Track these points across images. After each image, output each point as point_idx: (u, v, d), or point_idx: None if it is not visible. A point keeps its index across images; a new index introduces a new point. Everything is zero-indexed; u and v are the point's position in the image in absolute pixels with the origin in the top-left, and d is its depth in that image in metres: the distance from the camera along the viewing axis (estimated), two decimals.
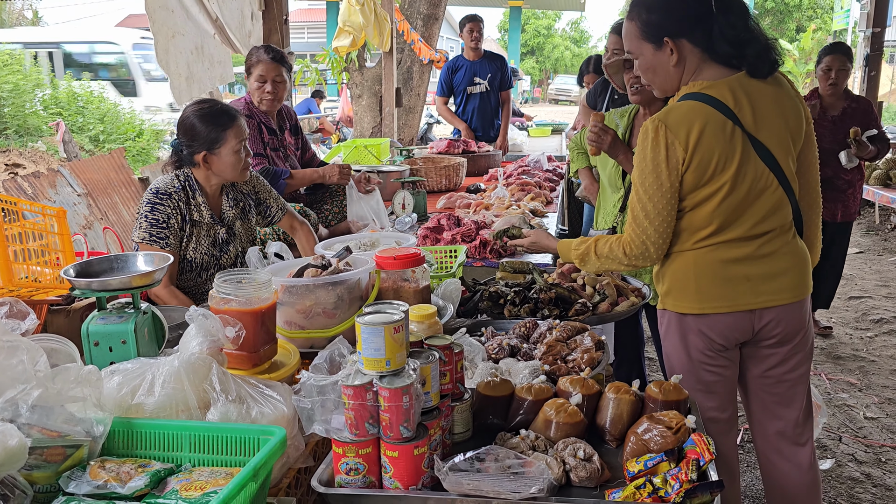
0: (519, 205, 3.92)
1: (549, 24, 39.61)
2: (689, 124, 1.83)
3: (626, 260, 1.96)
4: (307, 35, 30.06)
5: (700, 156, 1.84)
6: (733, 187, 1.86)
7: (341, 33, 6.56)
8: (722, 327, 1.95)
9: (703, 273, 1.93)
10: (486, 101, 6.10)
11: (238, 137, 2.42)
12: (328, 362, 1.60)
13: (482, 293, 2.32)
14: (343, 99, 11.95)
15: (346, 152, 5.64)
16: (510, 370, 1.81)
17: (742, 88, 1.88)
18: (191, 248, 2.43)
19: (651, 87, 2.04)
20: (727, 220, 1.90)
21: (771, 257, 1.93)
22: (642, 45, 1.96)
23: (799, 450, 2.10)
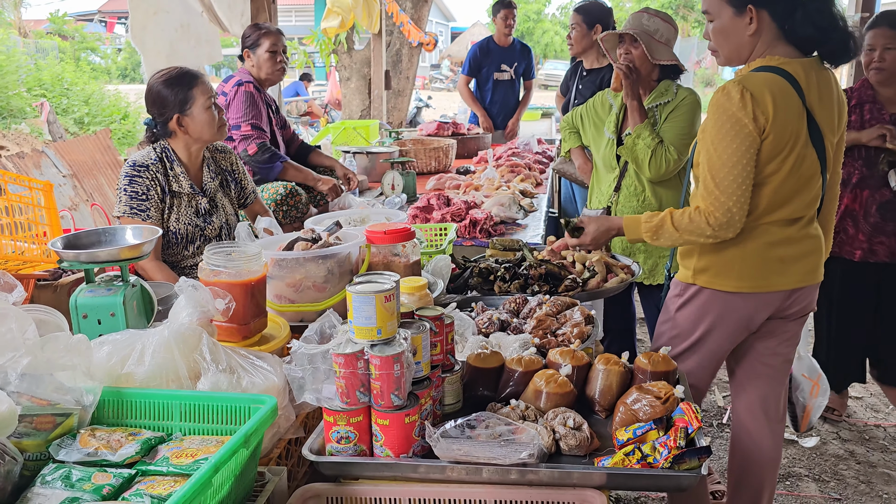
0: (509, 186, 3.92)
1: (539, 8, 39.46)
2: (769, 94, 1.81)
3: (710, 231, 1.87)
4: (295, 18, 29.79)
5: (776, 129, 1.82)
6: (794, 169, 1.87)
7: (330, 14, 6.50)
8: (754, 307, 1.98)
9: (748, 253, 1.94)
10: (510, 89, 6.03)
11: (206, 94, 2.41)
12: (318, 334, 1.59)
13: (472, 269, 2.32)
14: (331, 82, 11.88)
15: (335, 134, 5.61)
16: (500, 344, 1.82)
17: (815, 74, 1.88)
18: (173, 219, 2.42)
19: (716, 53, 1.99)
20: (777, 202, 1.90)
21: (801, 241, 1.96)
22: (722, 7, 1.91)
23: (777, 425, 2.17)
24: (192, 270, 2.42)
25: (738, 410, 2.21)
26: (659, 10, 2.86)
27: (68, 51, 19.80)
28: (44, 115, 9.45)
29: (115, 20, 30.16)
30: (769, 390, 2.14)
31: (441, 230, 2.79)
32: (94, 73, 16.66)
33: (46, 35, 22.56)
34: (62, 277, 2.19)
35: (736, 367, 2.20)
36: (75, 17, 28.25)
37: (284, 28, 3.78)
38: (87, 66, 17.00)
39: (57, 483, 1.17)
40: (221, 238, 2.51)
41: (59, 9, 27.75)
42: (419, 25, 7.76)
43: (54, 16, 24.37)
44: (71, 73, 11.90)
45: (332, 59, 7.92)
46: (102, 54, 25.78)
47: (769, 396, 2.14)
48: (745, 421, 2.18)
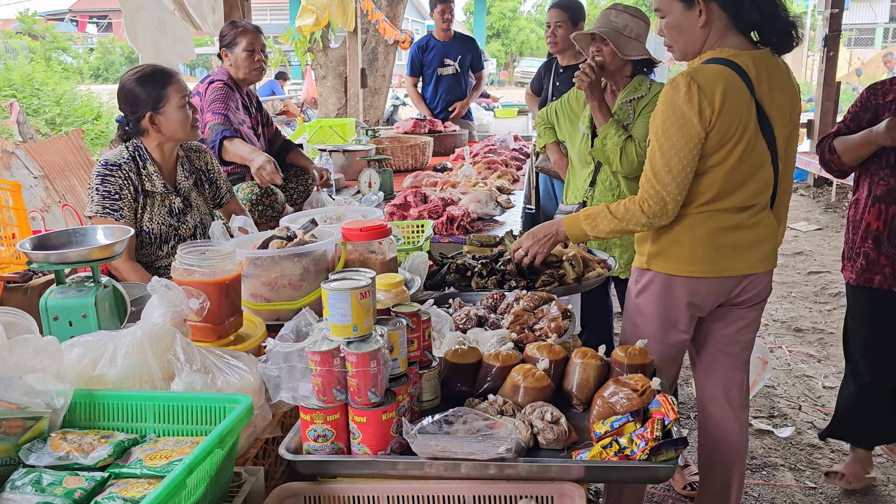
0: (486, 182, 3.92)
1: (515, 6, 39.54)
2: (717, 86, 1.85)
3: (645, 218, 1.93)
4: (270, 17, 29.60)
5: (723, 120, 1.86)
6: (742, 159, 1.90)
7: (304, 12, 6.47)
8: (706, 292, 2.02)
9: (698, 238, 1.98)
10: (457, 82, 6.05)
11: (180, 93, 2.38)
12: (294, 333, 1.58)
13: (449, 266, 2.32)
14: (307, 80, 11.81)
15: (311, 132, 5.58)
16: (478, 339, 1.82)
17: (764, 65, 1.91)
18: (146, 218, 2.39)
19: (671, 48, 2.03)
20: (726, 190, 1.94)
21: (754, 228, 2.00)
22: (672, 2, 1.95)
23: (741, 413, 2.21)
24: (166, 270, 2.39)
25: (702, 399, 2.25)
26: (630, 5, 2.87)
27: (39, 51, 19.49)
28: (13, 115, 9.29)
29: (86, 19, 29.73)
30: (731, 378, 2.18)
31: (418, 227, 2.78)
32: (66, 73, 16.43)
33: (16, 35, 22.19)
34: (32, 279, 2.15)
35: (697, 357, 2.25)
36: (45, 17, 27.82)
37: (259, 26, 3.74)
38: (59, 65, 16.75)
39: (27, 488, 1.14)
40: (196, 237, 2.49)
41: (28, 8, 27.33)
42: (395, 23, 7.73)
43: (24, 15, 23.97)
44: (41, 73, 11.70)
45: (307, 58, 7.88)
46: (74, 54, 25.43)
47: (731, 384, 2.19)
48: (710, 409, 2.22)
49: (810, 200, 8.85)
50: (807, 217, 7.97)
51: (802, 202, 8.78)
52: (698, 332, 2.19)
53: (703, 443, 2.26)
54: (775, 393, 3.80)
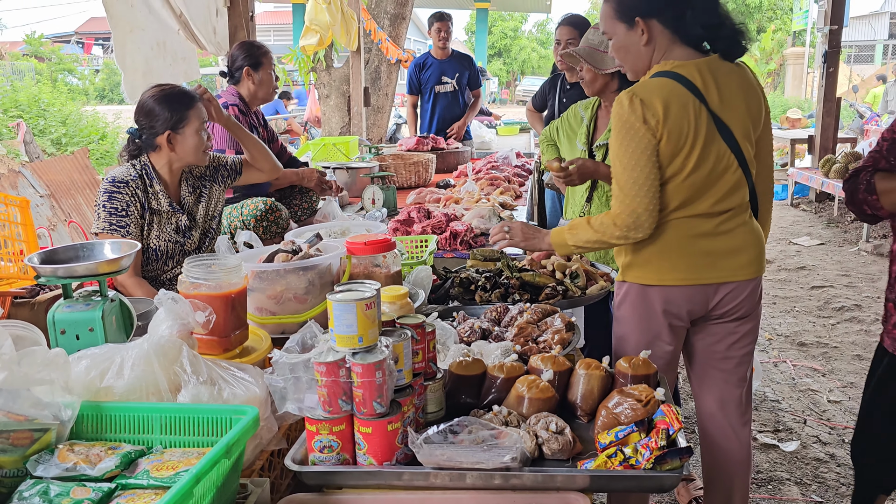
0: (488, 198, 3.94)
1: (516, 26, 39.86)
2: (658, 97, 1.88)
3: (618, 231, 1.93)
4: (273, 37, 29.87)
5: (670, 129, 1.89)
6: (699, 164, 1.91)
7: (308, 32, 6.52)
8: (681, 300, 2.01)
9: (667, 246, 1.99)
10: (454, 100, 6.10)
11: (200, 119, 2.44)
12: (300, 345, 1.59)
13: (453, 280, 2.33)
14: (311, 100, 11.89)
15: (315, 150, 5.61)
16: (482, 351, 1.82)
17: (710, 71, 1.94)
18: (153, 235, 2.41)
19: (624, 67, 2.08)
20: (691, 196, 1.95)
21: (730, 234, 1.99)
22: (616, 24, 2.00)
23: (740, 429, 2.18)
24: (172, 284, 2.41)
25: (700, 415, 2.24)
26: None
27: (45, 72, 19.68)
28: (20, 135, 9.37)
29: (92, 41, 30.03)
30: (726, 394, 2.15)
31: (422, 242, 2.80)
32: (72, 94, 16.57)
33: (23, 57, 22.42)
34: (39, 295, 2.17)
35: (691, 372, 2.24)
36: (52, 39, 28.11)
37: None
38: (65, 87, 16.90)
39: (35, 499, 1.15)
40: (201, 251, 2.51)
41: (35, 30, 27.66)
42: (397, 43, 7.81)
43: (30, 37, 24.23)
44: (48, 95, 11.81)
45: (311, 77, 7.95)
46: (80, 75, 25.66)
47: (727, 400, 2.15)
48: (707, 425, 2.21)
49: (812, 216, 8.86)
50: (809, 232, 7.98)
51: (805, 217, 8.79)
52: (690, 347, 2.18)
53: (704, 458, 2.25)
54: (780, 407, 3.79)
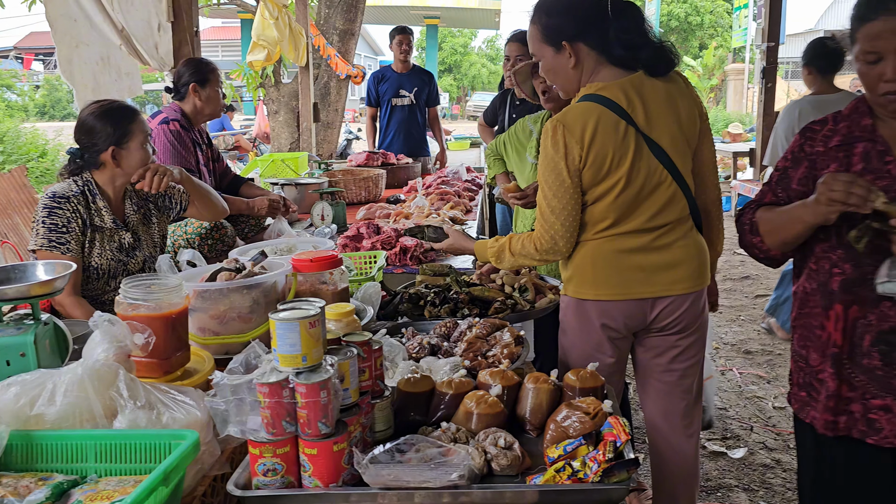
0: (439, 213, 3.94)
1: (466, 42, 40.24)
2: (583, 123, 1.91)
3: (538, 255, 2.03)
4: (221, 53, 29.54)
5: (595, 153, 1.92)
6: (628, 183, 1.94)
7: (255, 47, 6.45)
8: (617, 314, 2.03)
9: (601, 262, 2.01)
10: (412, 114, 6.10)
11: (143, 132, 2.39)
12: (244, 366, 1.55)
13: (402, 296, 2.31)
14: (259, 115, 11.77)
15: (263, 166, 5.54)
16: (431, 368, 1.81)
17: (635, 89, 1.97)
18: (95, 254, 2.34)
19: (556, 88, 2.10)
20: (623, 214, 1.98)
21: (666, 249, 2.01)
22: (543, 47, 2.04)
23: (685, 441, 2.19)
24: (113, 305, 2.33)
25: (647, 426, 2.27)
26: None
27: None
28: None
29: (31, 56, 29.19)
30: (670, 406, 2.17)
31: (371, 258, 2.77)
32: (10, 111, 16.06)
33: None
34: None
35: (637, 384, 2.26)
36: None
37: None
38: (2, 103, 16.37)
39: None
40: (145, 272, 2.44)
41: None
42: (347, 58, 7.78)
43: None
44: None
45: (259, 93, 7.86)
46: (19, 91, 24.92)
47: (672, 412, 2.17)
48: (654, 436, 2.23)
49: None
50: None
51: None
52: (635, 359, 2.20)
53: (653, 468, 2.27)
54: (727, 415, 3.86)
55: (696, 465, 2.23)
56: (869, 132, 1.64)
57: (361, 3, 7.87)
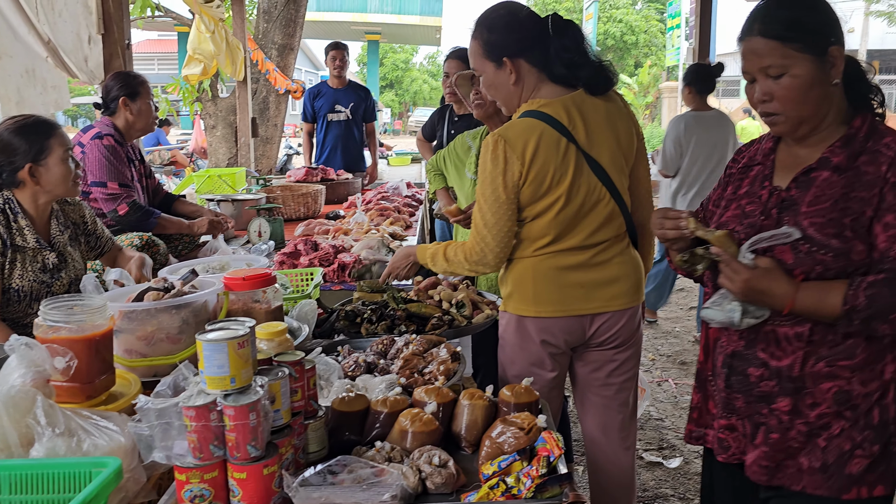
0: (378, 229, 3.92)
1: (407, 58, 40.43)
2: (525, 140, 1.93)
3: (467, 265, 2.06)
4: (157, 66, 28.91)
5: (536, 170, 1.94)
6: (568, 200, 1.97)
7: (191, 61, 6.33)
8: (556, 330, 2.06)
9: (540, 279, 2.03)
10: (349, 129, 6.09)
11: (63, 146, 2.30)
12: (171, 388, 1.50)
13: (338, 313, 2.29)
14: (196, 130, 11.54)
15: (199, 182, 5.43)
16: (366, 386, 1.79)
17: (576, 106, 2.00)
18: (16, 275, 2.24)
19: (498, 104, 2.12)
20: (563, 231, 2.00)
21: (605, 266, 2.05)
22: (484, 63, 2.05)
23: (622, 453, 2.22)
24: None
25: (584, 439, 2.29)
26: None
27: None
28: None
29: None
30: (608, 419, 2.19)
31: (308, 275, 2.74)
32: None
33: None
34: None
35: (574, 398, 2.29)
36: None
37: (147, 76, 3.66)
38: None
39: None
40: (71, 294, 2.35)
41: None
42: (286, 73, 7.72)
43: None
44: None
45: (196, 107, 7.71)
46: None
47: (609, 425, 2.20)
48: (591, 449, 2.26)
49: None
50: None
51: None
52: (573, 373, 2.23)
53: (591, 481, 2.30)
54: (663, 425, 3.94)
55: (632, 476, 2.26)
56: (765, 154, 1.64)
57: (301, 18, 7.82)
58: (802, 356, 1.50)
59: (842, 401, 1.48)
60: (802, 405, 1.51)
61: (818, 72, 1.46)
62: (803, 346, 1.50)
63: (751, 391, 1.57)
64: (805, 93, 1.48)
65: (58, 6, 3.80)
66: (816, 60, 1.46)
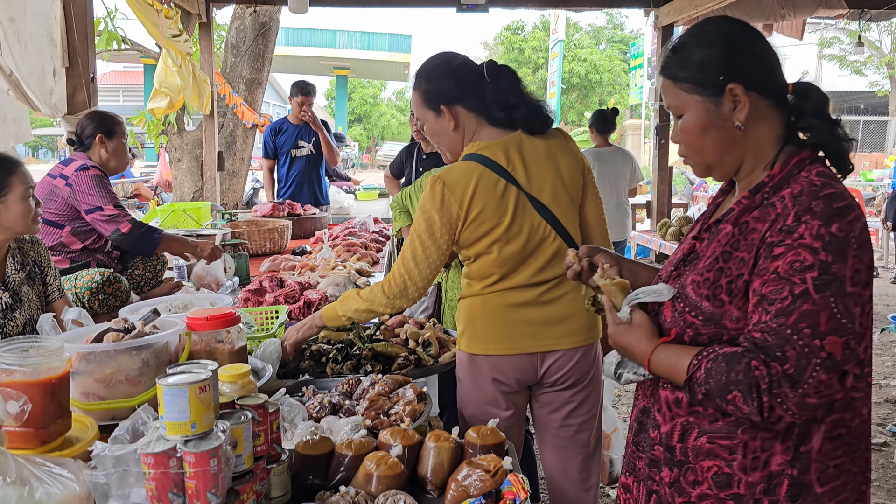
0: (345, 265, 3.91)
1: (375, 92, 40.74)
2: (464, 183, 1.97)
3: (385, 299, 2.06)
4: (123, 98, 28.67)
5: (475, 212, 1.97)
6: (509, 239, 2.00)
7: (157, 94, 6.30)
8: (507, 368, 2.06)
9: (489, 316, 2.05)
10: (313, 164, 6.10)
11: (25, 184, 2.26)
12: (130, 433, 1.48)
13: (303, 352, 2.26)
14: (161, 163, 11.43)
15: (163, 216, 5.36)
16: (331, 428, 1.77)
17: (516, 147, 2.04)
18: None
19: (441, 150, 2.17)
20: (510, 269, 2.03)
21: (554, 303, 2.06)
22: (425, 112, 2.10)
23: (583, 494, 2.21)
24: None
25: (546, 479, 2.28)
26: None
27: None
28: None
29: None
30: (567, 460, 2.18)
31: (273, 313, 2.71)
32: None
33: None
34: None
35: (535, 438, 2.29)
36: None
37: (113, 108, 3.69)
38: None
39: None
40: (26, 335, 2.28)
41: None
42: (253, 107, 7.72)
43: None
44: None
45: (161, 140, 7.65)
46: None
47: (569, 466, 2.19)
48: (551, 488, 2.25)
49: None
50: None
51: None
52: (532, 414, 2.23)
53: None
54: None
55: None
56: (714, 197, 1.56)
57: (269, 53, 7.85)
58: (682, 426, 1.37)
59: (722, 484, 1.32)
60: (685, 480, 1.36)
61: (710, 114, 1.34)
62: (684, 415, 1.37)
63: (649, 454, 1.45)
64: (699, 136, 1.37)
65: (23, 39, 3.76)
66: (708, 101, 1.34)
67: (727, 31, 1.36)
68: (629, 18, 34.17)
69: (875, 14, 7.52)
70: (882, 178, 15.44)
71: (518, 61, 28.75)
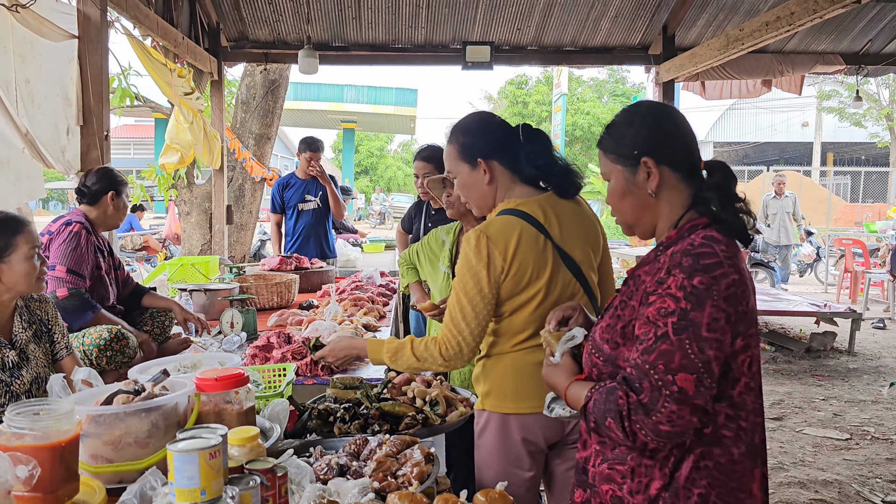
0: (352, 320, 3.92)
1: (382, 145, 41.31)
2: (507, 236, 2.00)
3: (442, 360, 2.05)
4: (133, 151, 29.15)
5: (517, 265, 2.00)
6: (547, 294, 2.03)
7: (168, 150, 6.43)
8: (536, 427, 2.06)
9: (521, 375, 2.05)
10: (320, 218, 6.17)
11: (30, 243, 2.28)
12: (138, 497, 1.47)
13: (311, 412, 2.26)
14: (170, 216, 11.56)
15: (172, 270, 5.41)
16: (339, 491, 1.75)
17: (551, 206, 2.11)
18: None
19: (469, 204, 2.19)
20: (542, 325, 2.02)
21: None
22: (460, 165, 2.15)
23: None
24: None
25: None
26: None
27: None
28: None
29: None
30: None
31: (280, 370, 2.71)
32: None
33: None
34: None
35: (549, 497, 2.25)
36: None
37: (122, 161, 3.80)
38: None
39: None
40: (32, 395, 2.28)
41: None
42: (262, 161, 7.84)
43: None
44: None
45: (171, 194, 7.76)
46: None
47: None
48: None
49: None
50: None
51: None
52: (549, 472, 2.21)
53: None
54: None
55: None
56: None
57: (279, 109, 8.02)
58: (594, 452, 1.58)
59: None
60: (592, 502, 1.57)
61: (628, 182, 1.58)
62: (594, 443, 1.58)
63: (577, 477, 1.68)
64: (619, 200, 1.61)
65: (38, 98, 3.87)
66: (626, 171, 1.58)
67: (648, 114, 1.60)
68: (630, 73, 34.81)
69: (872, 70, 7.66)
70: (885, 229, 15.47)
71: (522, 114, 29.24)
